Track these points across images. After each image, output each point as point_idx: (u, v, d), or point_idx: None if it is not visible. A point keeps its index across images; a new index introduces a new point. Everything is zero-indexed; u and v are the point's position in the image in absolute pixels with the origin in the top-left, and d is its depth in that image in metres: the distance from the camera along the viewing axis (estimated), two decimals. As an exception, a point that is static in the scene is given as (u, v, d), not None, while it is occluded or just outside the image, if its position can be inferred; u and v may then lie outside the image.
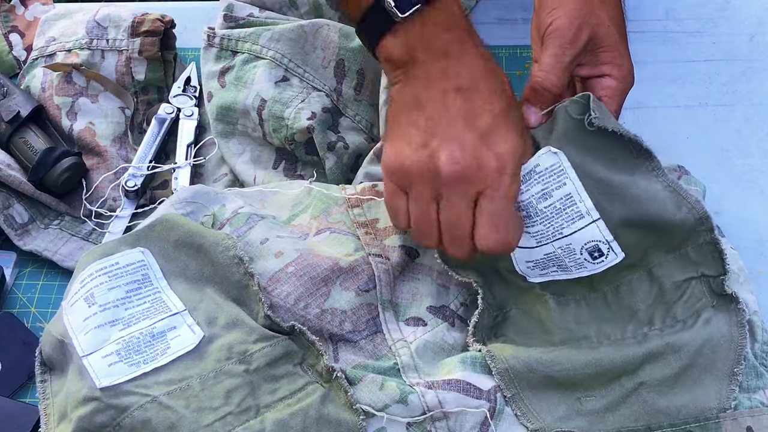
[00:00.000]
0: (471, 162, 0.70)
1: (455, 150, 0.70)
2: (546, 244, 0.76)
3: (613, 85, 0.79)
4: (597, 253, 0.76)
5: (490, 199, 0.71)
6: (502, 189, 0.71)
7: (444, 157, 0.70)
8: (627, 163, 0.76)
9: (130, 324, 0.74)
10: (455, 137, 0.71)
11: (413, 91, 0.73)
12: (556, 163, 0.74)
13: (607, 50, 0.78)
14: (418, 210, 0.73)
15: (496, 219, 0.72)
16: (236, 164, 0.92)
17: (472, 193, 0.71)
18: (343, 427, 0.71)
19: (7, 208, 0.90)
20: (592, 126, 0.74)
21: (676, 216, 0.76)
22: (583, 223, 0.75)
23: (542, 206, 0.75)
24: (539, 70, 0.76)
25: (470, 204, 0.72)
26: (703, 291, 0.77)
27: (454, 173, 0.70)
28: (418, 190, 0.73)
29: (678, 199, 0.76)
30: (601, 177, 0.75)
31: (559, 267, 0.77)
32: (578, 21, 0.76)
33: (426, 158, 0.71)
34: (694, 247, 0.77)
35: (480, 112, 0.71)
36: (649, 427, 0.73)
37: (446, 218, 0.72)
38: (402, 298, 0.80)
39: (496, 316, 0.79)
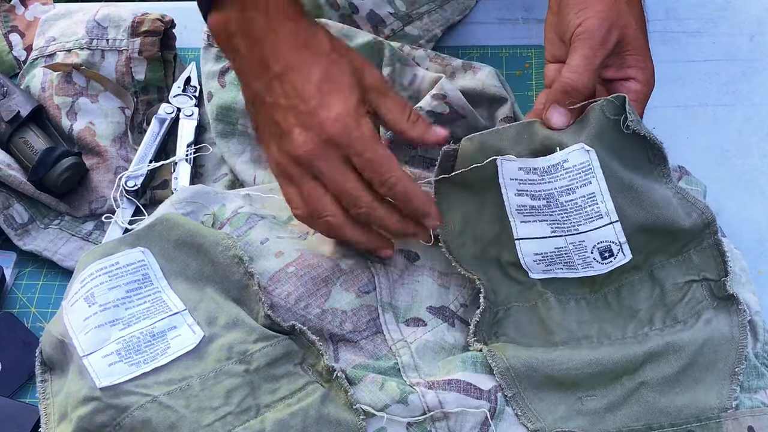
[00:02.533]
0: (317, 139, 0.72)
1: (299, 134, 0.72)
2: (560, 236, 0.76)
3: (638, 88, 0.79)
4: (607, 253, 0.76)
5: (358, 156, 0.72)
6: (356, 142, 0.72)
7: (294, 146, 0.73)
8: (645, 167, 0.77)
9: (131, 324, 0.74)
10: (294, 123, 0.73)
11: (248, 88, 0.76)
12: (586, 161, 0.74)
13: (632, 53, 0.78)
14: (306, 192, 0.74)
15: (376, 164, 0.73)
16: (236, 164, 0.92)
17: (339, 158, 0.73)
18: (343, 427, 0.71)
19: (7, 208, 0.90)
20: (629, 129, 0.75)
21: (686, 222, 0.76)
22: (601, 223, 0.75)
23: (564, 200, 0.75)
24: (570, 72, 0.76)
25: (345, 167, 0.73)
26: (704, 294, 0.77)
27: (308, 154, 0.72)
28: (296, 178, 0.74)
29: (688, 206, 0.77)
30: (625, 179, 0.75)
31: (565, 264, 0.78)
32: (608, 23, 0.76)
33: (285, 153, 0.74)
34: (697, 250, 0.77)
35: (302, 88, 0.73)
36: (650, 426, 0.73)
37: (333, 188, 0.74)
38: (402, 300, 0.80)
39: (497, 312, 0.79)
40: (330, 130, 0.72)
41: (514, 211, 0.77)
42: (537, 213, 0.77)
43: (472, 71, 0.91)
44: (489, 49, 1.00)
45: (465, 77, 0.91)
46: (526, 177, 0.76)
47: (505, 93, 0.89)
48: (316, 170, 0.73)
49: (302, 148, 0.72)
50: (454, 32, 1.01)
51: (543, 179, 0.75)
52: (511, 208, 0.77)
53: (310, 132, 0.72)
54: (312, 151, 0.72)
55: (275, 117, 0.74)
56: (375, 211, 0.74)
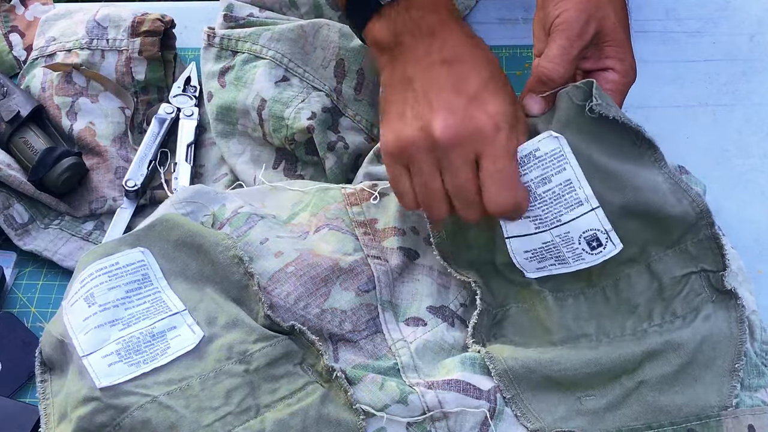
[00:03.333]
0: (464, 124, 0.71)
1: (447, 116, 0.71)
2: (544, 231, 0.76)
3: (616, 78, 0.79)
4: (595, 242, 0.76)
5: (491, 159, 0.72)
6: (499, 146, 0.72)
7: (437, 124, 0.71)
8: (630, 152, 0.76)
9: (130, 324, 0.74)
10: (446, 104, 0.72)
11: (401, 72, 0.74)
12: (557, 148, 0.74)
13: (611, 44, 0.78)
14: (422, 183, 0.74)
15: (501, 177, 0.72)
16: (236, 164, 0.92)
17: (472, 155, 0.72)
18: (343, 427, 0.71)
19: (7, 208, 0.90)
20: (593, 112, 0.74)
21: (676, 209, 0.76)
22: (582, 210, 0.75)
23: (541, 191, 0.75)
24: (546, 61, 0.76)
25: (472, 166, 0.72)
26: (703, 286, 0.76)
27: (449, 138, 0.71)
28: (418, 163, 0.73)
29: (679, 192, 0.76)
30: (602, 164, 0.75)
31: (557, 259, 0.77)
32: (586, 14, 0.76)
33: (420, 130, 0.72)
34: (694, 242, 0.77)
35: (467, 78, 0.72)
36: (650, 426, 0.73)
37: (451, 184, 0.73)
38: (402, 298, 0.80)
39: (495, 314, 0.79)
40: (481, 122, 0.71)
41: None
42: None
43: (472, 71, 0.91)
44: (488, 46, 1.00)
45: (465, 77, 0.91)
46: None
47: (505, 93, 0.89)
48: (446, 160, 0.72)
49: (447, 129, 0.71)
50: (454, 32, 1.01)
51: (519, 173, 0.74)
52: None
53: (460, 118, 0.71)
54: (454, 137, 0.71)
55: (426, 97, 0.72)
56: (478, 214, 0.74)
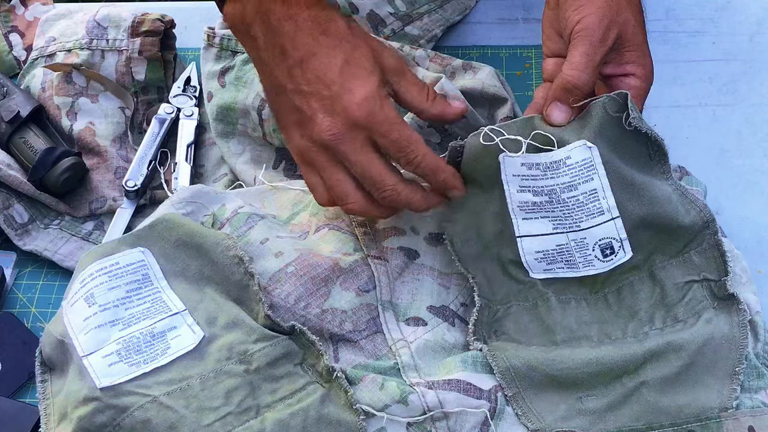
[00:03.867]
0: (341, 123, 0.73)
1: (323, 119, 0.73)
2: (561, 233, 0.77)
3: (637, 84, 0.79)
4: (609, 250, 0.76)
5: (382, 137, 0.73)
6: (381, 123, 0.73)
7: (317, 130, 0.73)
8: (646, 164, 0.77)
9: (131, 324, 0.74)
10: (318, 109, 0.73)
11: (267, 76, 0.76)
12: (588, 158, 0.75)
13: (631, 49, 0.78)
14: (327, 179, 0.75)
15: (399, 145, 0.73)
16: (236, 164, 0.92)
17: (361, 142, 0.73)
18: (343, 427, 0.71)
19: (7, 208, 0.90)
20: (630, 126, 0.75)
21: (686, 219, 0.77)
22: (602, 219, 0.76)
23: (566, 196, 0.75)
24: (571, 69, 0.76)
25: (367, 150, 0.74)
26: (704, 294, 0.77)
27: (332, 138, 0.73)
28: (318, 164, 0.75)
29: (687, 203, 0.77)
30: (626, 175, 0.76)
31: (566, 263, 0.78)
32: (607, 20, 0.76)
33: (308, 139, 0.74)
34: (698, 251, 0.77)
35: (325, 73, 0.73)
36: (651, 426, 0.73)
37: (357, 172, 0.74)
38: (402, 298, 0.80)
39: (496, 311, 0.79)
40: (355, 113, 0.72)
41: (516, 208, 0.77)
42: (539, 210, 0.77)
43: (472, 71, 0.91)
44: (489, 49, 1.00)
45: (465, 77, 0.91)
46: (529, 173, 0.76)
47: (505, 93, 0.89)
48: (340, 155, 0.73)
49: (327, 132, 0.73)
50: (454, 32, 1.01)
51: (546, 174, 0.75)
52: (512, 205, 0.77)
53: (334, 116, 0.73)
54: (337, 136, 0.73)
55: (297, 103, 0.74)
56: (399, 193, 0.75)
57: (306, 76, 0.73)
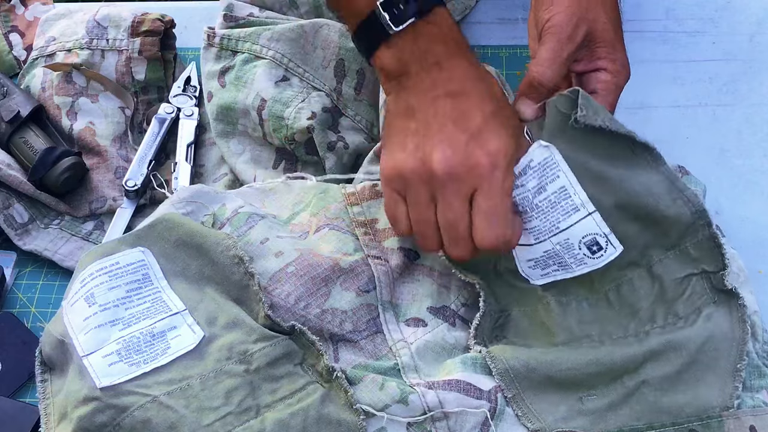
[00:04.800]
0: (462, 161, 0.71)
1: (447, 150, 0.72)
2: (544, 240, 0.76)
3: (608, 78, 0.80)
4: (595, 246, 0.76)
5: (485, 196, 0.72)
6: (495, 185, 0.72)
7: (436, 158, 0.72)
8: (624, 156, 0.76)
9: (131, 324, 0.74)
10: (446, 139, 0.72)
11: (405, 101, 0.74)
12: (548, 157, 0.75)
13: (602, 46, 0.79)
14: (417, 213, 0.74)
15: (492, 215, 0.72)
16: (236, 164, 0.92)
17: (467, 191, 0.72)
18: (343, 427, 0.71)
19: (7, 208, 0.90)
20: (578, 123, 0.75)
21: (671, 209, 0.76)
22: (579, 216, 0.75)
23: (537, 200, 0.75)
24: (536, 65, 0.77)
25: (466, 202, 0.73)
26: (704, 288, 0.77)
27: (446, 172, 0.71)
28: (414, 193, 0.74)
29: (674, 192, 0.76)
30: (596, 170, 0.75)
31: (559, 265, 0.77)
32: (576, 17, 0.77)
33: (419, 161, 0.73)
34: (694, 243, 0.77)
35: (470, 113, 0.72)
36: (652, 426, 0.73)
37: (444, 218, 0.73)
38: (402, 299, 0.80)
39: (498, 318, 0.79)
40: (479, 160, 0.71)
41: None
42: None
43: (472, 71, 0.91)
44: (489, 49, 1.00)
45: (465, 77, 0.91)
46: None
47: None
48: (440, 193, 0.72)
49: (443, 163, 0.71)
50: (454, 32, 1.01)
51: (517, 185, 0.75)
52: None
53: (458, 153, 0.71)
54: (451, 171, 0.71)
55: (429, 129, 0.72)
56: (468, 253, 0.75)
57: (449, 108, 0.72)
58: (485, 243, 0.73)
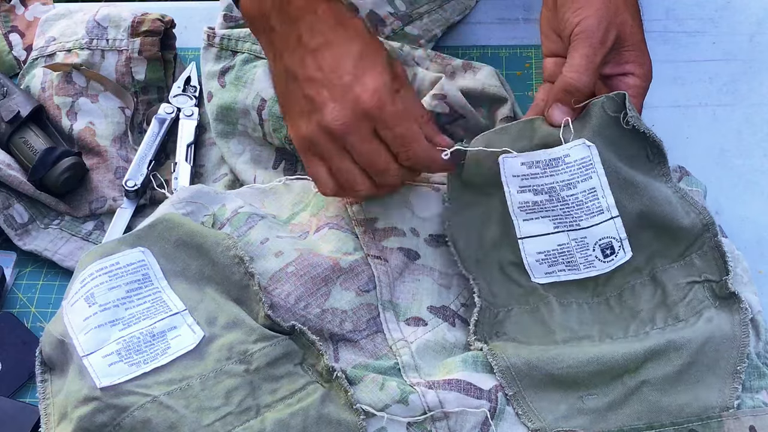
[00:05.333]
0: (351, 110, 0.73)
1: (333, 106, 0.73)
2: (562, 231, 0.77)
3: (637, 83, 0.80)
4: (609, 250, 0.77)
5: (387, 130, 0.74)
6: (389, 115, 0.73)
7: (328, 117, 0.73)
8: (644, 165, 0.78)
9: (131, 324, 0.74)
10: (329, 95, 0.74)
11: (281, 63, 0.77)
12: (587, 157, 0.76)
13: (630, 49, 0.79)
14: (336, 166, 0.76)
15: (402, 140, 0.74)
16: (236, 164, 0.92)
17: (368, 131, 0.74)
18: (343, 427, 0.71)
19: (7, 208, 0.90)
20: (628, 125, 0.76)
21: (685, 220, 0.77)
22: (602, 218, 0.76)
23: (565, 194, 0.76)
24: (572, 71, 0.77)
25: (374, 140, 0.74)
26: (706, 294, 0.77)
27: (341, 126, 0.73)
28: (326, 152, 0.75)
29: (687, 205, 0.78)
30: (625, 175, 0.76)
31: (567, 264, 0.78)
32: (606, 21, 0.77)
33: (316, 126, 0.74)
34: (699, 254, 0.78)
35: (339, 62, 0.74)
36: (652, 425, 0.73)
37: (361, 162, 0.75)
38: (402, 298, 0.80)
39: (497, 313, 0.79)
40: (365, 103, 0.73)
41: (516, 210, 0.77)
42: (539, 209, 0.77)
43: (472, 71, 0.91)
44: (489, 49, 1.00)
45: (465, 77, 0.91)
46: (529, 171, 0.76)
47: (504, 93, 0.89)
48: (348, 144, 0.74)
49: (337, 121, 0.73)
50: (454, 32, 1.01)
51: (545, 172, 0.76)
52: (513, 207, 0.77)
53: (345, 105, 0.73)
54: (346, 124, 0.73)
55: (308, 91, 0.74)
56: (401, 177, 0.77)
57: (319, 64, 0.74)
58: (415, 163, 0.75)
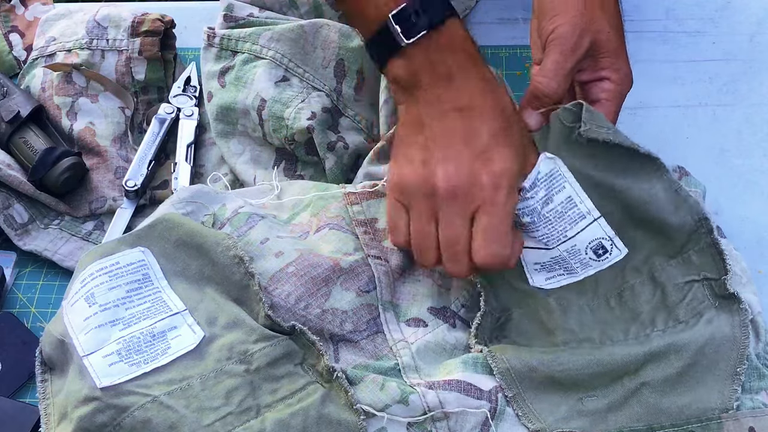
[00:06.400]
0: (466, 179, 0.72)
1: (451, 167, 0.72)
2: (552, 248, 0.77)
3: (611, 87, 0.80)
4: (601, 250, 0.77)
5: (486, 215, 0.72)
6: (497, 205, 0.72)
7: (441, 174, 0.72)
8: (627, 167, 0.77)
9: (131, 324, 0.74)
10: (453, 155, 0.72)
11: (416, 112, 0.74)
12: (554, 168, 0.76)
13: (606, 56, 0.80)
14: (418, 226, 0.75)
15: (492, 233, 0.73)
16: (236, 164, 0.92)
17: (469, 210, 0.73)
18: (343, 427, 0.71)
19: (7, 208, 0.90)
20: (581, 137, 0.76)
21: (673, 218, 0.77)
22: (585, 222, 0.76)
23: (545, 210, 0.76)
24: (541, 76, 0.78)
25: (467, 221, 0.73)
26: (705, 294, 0.77)
27: (449, 190, 0.72)
28: (417, 206, 0.74)
29: (677, 201, 0.77)
30: (600, 180, 0.76)
31: (565, 270, 0.78)
32: (580, 28, 0.78)
33: (425, 176, 0.73)
34: (696, 251, 0.78)
35: (477, 130, 0.73)
36: (651, 427, 0.73)
37: (444, 234, 0.74)
38: (402, 299, 0.80)
39: (498, 318, 0.79)
40: (482, 180, 0.72)
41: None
42: (528, 230, 0.77)
43: (472, 71, 0.91)
44: (489, 49, 1.00)
45: (465, 77, 0.91)
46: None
47: (504, 93, 0.89)
48: (443, 210, 0.73)
49: (448, 181, 0.72)
50: (454, 32, 1.01)
51: (528, 197, 0.76)
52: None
53: (463, 172, 0.72)
54: (454, 190, 0.72)
55: (436, 145, 0.73)
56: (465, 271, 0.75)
57: (461, 122, 0.72)
58: (484, 261, 0.73)
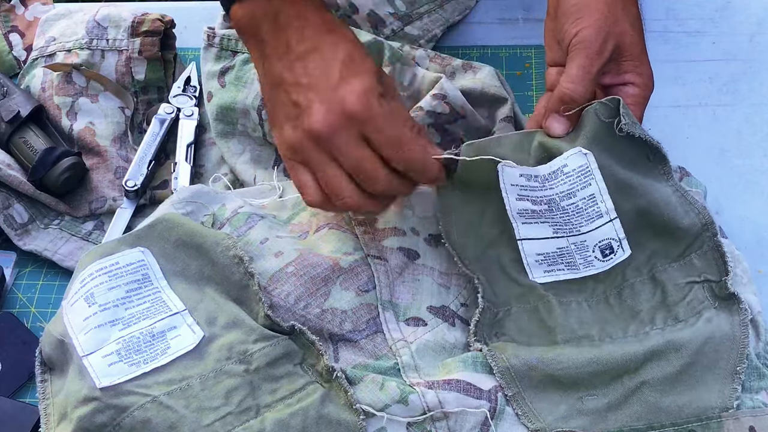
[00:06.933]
0: (338, 112, 0.72)
1: (320, 110, 0.72)
2: (561, 237, 0.77)
3: (636, 92, 0.79)
4: (608, 250, 0.77)
5: (376, 133, 0.73)
6: (377, 118, 0.72)
7: (314, 121, 0.72)
8: (643, 166, 0.78)
9: (130, 324, 0.74)
10: (315, 99, 0.73)
11: (270, 71, 0.76)
12: (585, 164, 0.75)
13: (629, 59, 0.79)
14: (323, 174, 0.74)
15: (392, 144, 0.73)
16: (236, 164, 0.92)
17: (357, 136, 0.73)
18: (343, 427, 0.71)
19: (7, 208, 0.90)
20: (622, 132, 0.76)
21: (684, 220, 0.77)
22: (601, 222, 0.76)
23: (565, 203, 0.76)
24: (568, 82, 0.77)
25: (362, 144, 0.73)
26: (705, 294, 0.77)
27: (327, 129, 0.72)
28: (313, 159, 0.74)
29: (686, 204, 0.78)
30: (623, 179, 0.76)
31: (567, 265, 0.78)
32: (604, 32, 0.77)
33: (303, 128, 0.73)
34: (698, 254, 0.78)
35: (327, 67, 0.73)
36: (651, 426, 0.73)
37: (348, 167, 0.74)
38: (402, 298, 0.80)
39: (497, 313, 0.79)
40: (352, 105, 0.72)
41: (515, 215, 0.77)
42: (538, 216, 0.77)
43: (472, 71, 0.91)
44: (489, 49, 1.00)
45: (465, 77, 0.91)
46: (527, 183, 0.76)
47: (505, 93, 0.89)
48: (335, 148, 0.73)
49: (322, 122, 0.72)
50: (454, 32, 1.01)
51: (544, 186, 0.76)
52: (512, 212, 0.77)
53: (330, 107, 0.72)
54: (332, 127, 0.72)
55: (294, 96, 0.74)
56: (391, 185, 0.75)
57: (307, 69, 0.74)
58: (409, 168, 0.74)
